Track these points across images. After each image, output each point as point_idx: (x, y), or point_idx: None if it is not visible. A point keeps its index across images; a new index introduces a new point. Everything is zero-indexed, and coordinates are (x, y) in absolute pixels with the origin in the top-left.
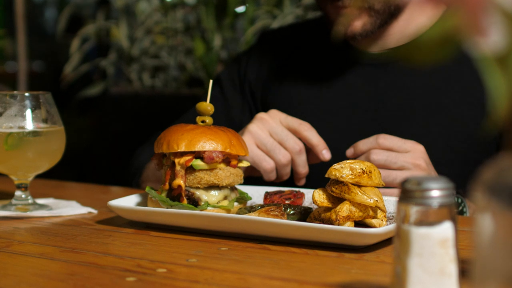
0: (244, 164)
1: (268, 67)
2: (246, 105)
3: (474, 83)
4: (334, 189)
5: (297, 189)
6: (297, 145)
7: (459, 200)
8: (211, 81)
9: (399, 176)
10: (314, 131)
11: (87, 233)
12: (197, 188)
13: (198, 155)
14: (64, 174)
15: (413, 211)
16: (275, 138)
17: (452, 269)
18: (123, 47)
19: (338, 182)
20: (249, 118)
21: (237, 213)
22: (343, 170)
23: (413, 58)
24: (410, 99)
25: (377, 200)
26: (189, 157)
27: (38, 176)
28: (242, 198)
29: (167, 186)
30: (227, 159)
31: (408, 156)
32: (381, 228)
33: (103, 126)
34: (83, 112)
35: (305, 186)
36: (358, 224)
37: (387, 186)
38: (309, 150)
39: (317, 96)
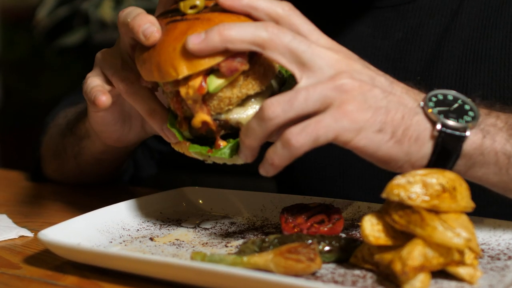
0: None
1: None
2: None
3: None
4: (397, 218)
5: (331, 200)
6: None
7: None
8: None
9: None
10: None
11: None
12: (229, 110)
13: (211, 68)
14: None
15: None
16: None
17: None
18: None
19: (403, 206)
20: None
21: (240, 250)
22: (411, 188)
23: None
24: (441, 51)
25: (468, 239)
26: (199, 80)
27: None
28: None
29: (184, 127)
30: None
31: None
32: None
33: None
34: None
35: (338, 193)
36: (435, 273)
37: None
38: None
39: None
